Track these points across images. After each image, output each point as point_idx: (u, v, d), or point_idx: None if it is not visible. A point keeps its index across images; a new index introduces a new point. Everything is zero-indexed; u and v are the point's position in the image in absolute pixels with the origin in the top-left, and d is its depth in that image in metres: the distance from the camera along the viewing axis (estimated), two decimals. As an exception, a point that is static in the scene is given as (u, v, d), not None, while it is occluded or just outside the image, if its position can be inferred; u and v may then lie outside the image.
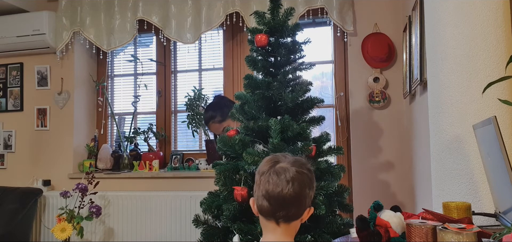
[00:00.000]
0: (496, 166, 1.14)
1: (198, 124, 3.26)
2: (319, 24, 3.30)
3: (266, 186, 1.14)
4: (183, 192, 3.21)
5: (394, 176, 3.07)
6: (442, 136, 1.58)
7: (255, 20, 2.36)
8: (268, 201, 1.14)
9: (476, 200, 1.48)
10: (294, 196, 1.12)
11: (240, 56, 3.42)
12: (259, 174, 1.18)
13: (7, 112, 3.72)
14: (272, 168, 1.16)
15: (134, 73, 3.69)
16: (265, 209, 1.15)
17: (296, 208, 1.15)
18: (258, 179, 1.18)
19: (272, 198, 1.13)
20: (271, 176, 1.14)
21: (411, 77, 2.61)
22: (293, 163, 1.16)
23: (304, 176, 1.15)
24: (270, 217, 1.16)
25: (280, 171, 1.14)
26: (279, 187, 1.12)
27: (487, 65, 1.50)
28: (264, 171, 1.17)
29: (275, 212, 1.14)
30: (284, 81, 2.30)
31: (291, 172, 1.13)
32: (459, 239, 1.05)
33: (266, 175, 1.15)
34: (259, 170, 1.19)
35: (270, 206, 1.14)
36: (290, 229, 1.17)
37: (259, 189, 1.16)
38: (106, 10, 3.45)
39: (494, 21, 1.51)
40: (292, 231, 1.18)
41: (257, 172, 1.20)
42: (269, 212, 1.15)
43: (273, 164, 1.17)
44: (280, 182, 1.13)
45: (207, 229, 2.24)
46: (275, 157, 1.19)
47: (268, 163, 1.18)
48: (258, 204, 1.17)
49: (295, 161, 1.17)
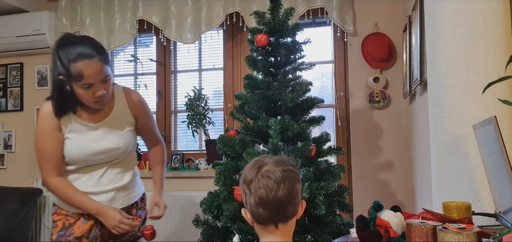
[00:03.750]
0: (496, 166, 1.14)
1: (198, 124, 3.26)
2: (319, 24, 3.30)
3: (258, 193, 1.11)
4: (183, 192, 3.21)
5: (394, 176, 3.07)
6: (442, 136, 1.58)
7: (255, 20, 2.37)
8: (264, 208, 1.11)
9: (476, 200, 1.48)
10: (288, 196, 1.11)
11: (240, 56, 3.42)
12: (246, 183, 1.14)
13: (7, 112, 3.72)
14: (259, 173, 1.13)
15: (134, 73, 3.69)
16: (263, 216, 1.12)
17: (291, 206, 1.13)
18: (246, 189, 1.15)
19: (267, 204, 1.11)
20: (261, 181, 1.11)
21: (411, 77, 2.61)
22: (277, 163, 1.14)
23: (291, 173, 1.14)
24: (268, 223, 1.13)
25: (268, 174, 1.12)
26: (272, 191, 1.10)
27: (487, 65, 1.50)
28: (252, 179, 1.13)
29: (273, 216, 1.12)
30: (284, 81, 2.31)
31: (279, 173, 1.12)
32: (459, 239, 1.05)
33: (255, 182, 1.12)
34: (245, 179, 1.16)
35: (267, 212, 1.11)
36: (288, 228, 1.16)
37: (251, 197, 1.13)
38: (106, 10, 3.45)
39: (494, 21, 1.51)
40: (290, 230, 1.17)
41: (243, 182, 1.16)
42: (267, 218, 1.12)
43: (258, 169, 1.14)
44: (271, 186, 1.10)
45: (207, 229, 2.24)
46: (257, 162, 1.17)
47: (253, 169, 1.15)
48: (253, 212, 1.14)
49: (278, 160, 1.16)
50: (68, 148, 1.72)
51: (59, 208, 1.80)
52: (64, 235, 1.74)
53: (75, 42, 1.62)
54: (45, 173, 1.74)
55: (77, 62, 1.57)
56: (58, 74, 1.62)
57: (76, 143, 1.72)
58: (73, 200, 1.73)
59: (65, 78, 1.61)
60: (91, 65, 1.59)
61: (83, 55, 1.58)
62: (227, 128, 2.39)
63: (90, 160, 1.75)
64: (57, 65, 1.62)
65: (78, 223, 1.77)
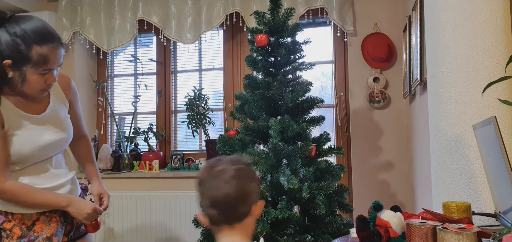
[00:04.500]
0: (496, 166, 1.14)
1: (198, 124, 3.26)
2: (319, 24, 3.30)
3: (209, 194, 1.10)
4: (183, 192, 3.21)
5: (394, 176, 3.07)
6: (442, 136, 1.58)
7: (255, 20, 2.37)
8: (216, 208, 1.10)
9: (476, 200, 1.48)
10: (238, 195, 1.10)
11: (240, 56, 3.42)
12: (200, 185, 1.14)
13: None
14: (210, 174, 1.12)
15: (134, 73, 3.69)
16: (216, 217, 1.11)
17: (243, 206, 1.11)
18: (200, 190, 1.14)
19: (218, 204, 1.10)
20: (212, 182, 1.11)
21: (411, 77, 2.61)
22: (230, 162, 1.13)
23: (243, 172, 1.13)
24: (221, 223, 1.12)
25: (219, 174, 1.11)
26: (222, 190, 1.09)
27: (487, 65, 1.50)
28: (204, 180, 1.13)
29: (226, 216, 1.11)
30: (284, 81, 2.31)
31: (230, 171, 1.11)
32: (459, 239, 1.05)
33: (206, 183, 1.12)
34: (199, 181, 1.15)
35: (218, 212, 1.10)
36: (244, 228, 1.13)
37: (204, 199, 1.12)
38: (106, 10, 3.45)
39: (494, 21, 1.51)
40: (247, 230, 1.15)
41: (197, 184, 1.15)
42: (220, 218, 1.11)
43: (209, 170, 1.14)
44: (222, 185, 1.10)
45: (207, 230, 2.24)
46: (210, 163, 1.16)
47: (206, 170, 1.15)
48: (208, 214, 1.12)
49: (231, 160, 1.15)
50: (16, 146, 1.50)
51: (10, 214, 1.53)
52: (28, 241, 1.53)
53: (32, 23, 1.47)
54: None
55: (42, 46, 1.43)
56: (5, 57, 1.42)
57: (24, 138, 1.52)
58: (37, 199, 1.53)
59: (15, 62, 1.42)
60: (56, 50, 1.47)
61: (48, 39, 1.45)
62: (227, 128, 2.39)
63: (41, 155, 1.57)
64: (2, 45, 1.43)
65: (39, 224, 1.56)
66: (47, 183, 1.59)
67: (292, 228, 2.10)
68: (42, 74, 1.47)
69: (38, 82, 1.48)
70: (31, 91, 1.50)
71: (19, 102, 1.54)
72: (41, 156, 1.57)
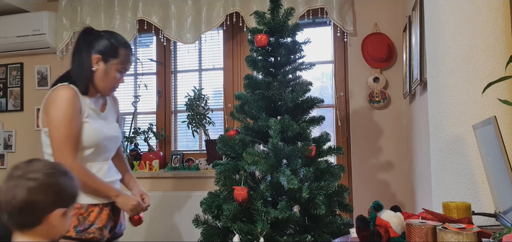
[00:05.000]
0: (496, 166, 1.14)
1: (198, 124, 3.26)
2: (319, 24, 3.30)
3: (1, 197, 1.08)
4: (183, 192, 3.21)
5: (394, 176, 3.07)
6: (442, 136, 1.58)
7: (255, 20, 2.37)
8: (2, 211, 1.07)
9: (476, 200, 1.48)
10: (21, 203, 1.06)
11: (240, 56, 3.42)
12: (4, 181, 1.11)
13: (7, 112, 3.72)
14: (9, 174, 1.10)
15: (134, 73, 3.69)
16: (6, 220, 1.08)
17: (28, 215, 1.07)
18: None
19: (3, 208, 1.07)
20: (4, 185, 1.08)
21: (411, 77, 2.61)
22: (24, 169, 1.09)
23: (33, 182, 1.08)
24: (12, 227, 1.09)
25: (9, 179, 1.08)
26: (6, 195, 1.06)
27: (487, 65, 1.50)
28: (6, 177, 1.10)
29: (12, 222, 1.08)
30: (284, 81, 2.31)
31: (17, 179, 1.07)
32: (459, 239, 1.05)
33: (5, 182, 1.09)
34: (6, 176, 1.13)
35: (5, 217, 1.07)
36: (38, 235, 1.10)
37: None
38: (106, 10, 3.45)
39: (494, 21, 1.51)
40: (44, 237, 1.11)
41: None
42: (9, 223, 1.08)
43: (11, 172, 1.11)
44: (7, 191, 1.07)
45: (207, 229, 2.24)
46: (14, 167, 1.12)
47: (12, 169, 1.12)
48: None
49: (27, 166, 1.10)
50: (87, 132, 1.76)
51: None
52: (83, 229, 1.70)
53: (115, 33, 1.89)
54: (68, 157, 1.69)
55: (126, 49, 1.85)
56: (96, 53, 1.78)
57: (94, 127, 1.79)
58: (96, 184, 1.75)
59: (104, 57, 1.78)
60: (131, 56, 1.89)
61: (129, 47, 1.88)
62: (227, 128, 2.39)
63: (104, 145, 1.82)
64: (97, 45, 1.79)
65: (93, 214, 1.75)
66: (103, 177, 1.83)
67: (292, 228, 2.10)
68: (119, 72, 1.83)
69: (115, 79, 1.83)
70: (106, 85, 1.83)
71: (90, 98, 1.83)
72: (103, 147, 1.83)
